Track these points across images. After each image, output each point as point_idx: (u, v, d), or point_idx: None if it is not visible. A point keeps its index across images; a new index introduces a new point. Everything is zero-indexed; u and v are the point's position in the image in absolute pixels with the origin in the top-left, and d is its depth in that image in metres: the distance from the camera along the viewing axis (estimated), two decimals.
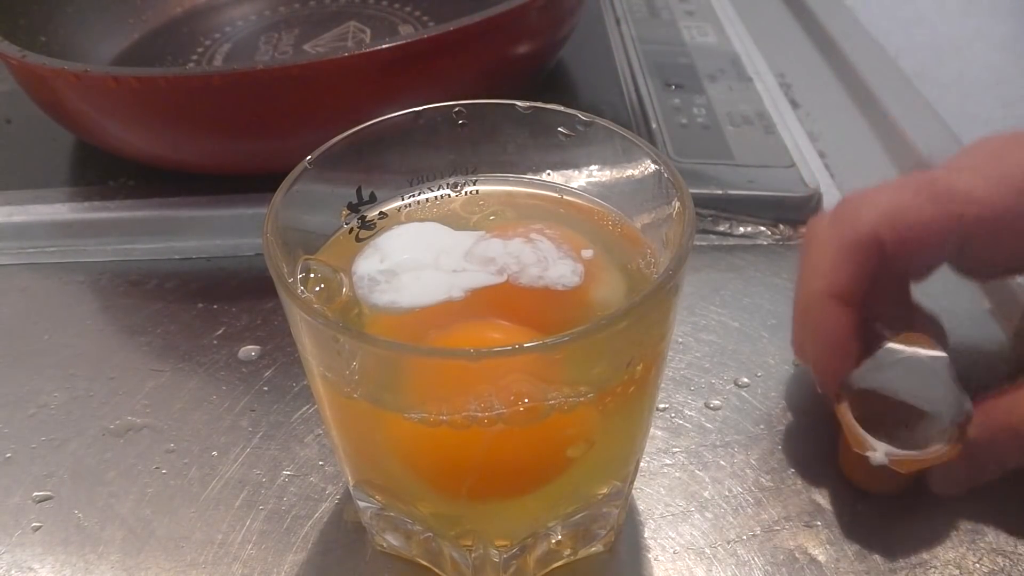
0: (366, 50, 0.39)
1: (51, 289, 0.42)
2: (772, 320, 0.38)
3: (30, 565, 0.30)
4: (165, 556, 0.29)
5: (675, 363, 0.36)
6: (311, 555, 0.29)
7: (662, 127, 0.49)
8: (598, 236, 0.28)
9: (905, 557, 0.29)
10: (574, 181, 0.30)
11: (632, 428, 0.27)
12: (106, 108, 0.42)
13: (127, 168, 0.47)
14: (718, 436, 0.33)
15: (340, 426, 0.27)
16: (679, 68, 0.55)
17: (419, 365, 0.23)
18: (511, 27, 0.44)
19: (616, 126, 0.28)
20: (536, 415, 0.22)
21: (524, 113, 0.29)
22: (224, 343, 0.38)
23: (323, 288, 0.26)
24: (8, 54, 0.42)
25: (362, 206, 0.29)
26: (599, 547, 0.29)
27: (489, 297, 0.25)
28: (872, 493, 0.31)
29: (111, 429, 0.34)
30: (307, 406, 0.35)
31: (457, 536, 0.27)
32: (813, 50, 0.61)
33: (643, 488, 0.31)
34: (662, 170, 0.26)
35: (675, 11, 0.63)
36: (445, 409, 0.22)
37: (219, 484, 0.32)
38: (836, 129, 0.52)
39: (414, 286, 0.26)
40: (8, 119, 0.54)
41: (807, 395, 0.35)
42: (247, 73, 0.39)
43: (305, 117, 0.41)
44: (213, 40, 0.59)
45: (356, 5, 0.62)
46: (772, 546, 0.29)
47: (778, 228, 0.44)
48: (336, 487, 0.32)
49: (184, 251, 0.43)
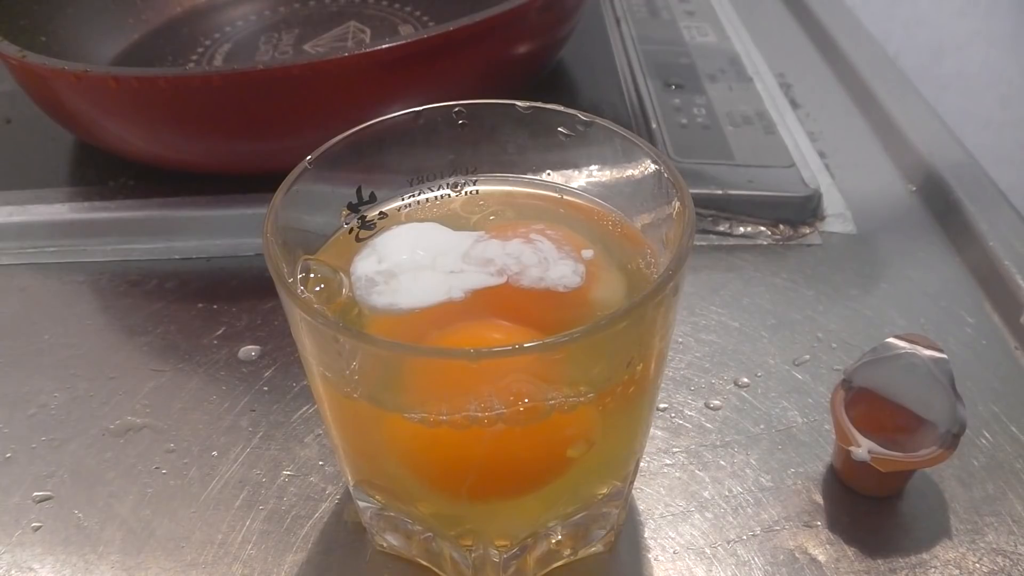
0: (366, 50, 0.39)
1: (51, 289, 0.42)
2: (772, 320, 0.38)
3: (30, 565, 0.30)
4: (165, 556, 0.29)
5: (675, 363, 0.36)
6: (311, 555, 0.29)
7: (662, 127, 0.49)
8: (598, 236, 0.28)
9: (905, 557, 0.29)
10: (574, 181, 0.30)
11: (632, 428, 0.27)
12: (106, 108, 0.42)
13: (127, 168, 0.47)
14: (718, 436, 0.33)
15: (340, 426, 0.27)
16: (679, 68, 0.55)
17: (419, 365, 0.23)
18: (511, 27, 0.44)
19: (616, 126, 0.28)
20: (536, 415, 0.22)
21: (524, 113, 0.29)
22: (224, 343, 0.38)
23: (323, 288, 0.26)
24: (8, 54, 0.42)
25: (362, 206, 0.29)
26: (599, 547, 0.29)
27: (489, 297, 0.25)
28: (860, 494, 0.31)
29: (111, 429, 0.34)
30: (307, 406, 0.35)
31: (457, 536, 0.27)
32: (813, 50, 0.61)
33: (643, 488, 0.31)
34: (662, 170, 0.26)
35: (675, 11, 0.63)
36: (445, 409, 0.22)
37: (219, 484, 0.32)
38: (836, 129, 0.52)
39: (412, 287, 0.26)
40: (8, 119, 0.54)
41: (807, 395, 0.35)
42: (247, 73, 0.39)
43: (305, 117, 0.41)
44: (213, 40, 0.59)
45: (356, 5, 0.62)
46: (772, 546, 0.29)
47: (778, 228, 0.44)
48: (336, 487, 0.32)
49: (184, 251, 0.43)
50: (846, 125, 0.53)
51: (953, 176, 0.45)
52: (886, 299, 0.39)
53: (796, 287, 0.36)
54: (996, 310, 0.39)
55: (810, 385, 0.35)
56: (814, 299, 0.39)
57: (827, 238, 0.43)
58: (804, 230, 0.44)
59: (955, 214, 0.43)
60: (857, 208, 0.45)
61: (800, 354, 0.37)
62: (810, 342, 0.37)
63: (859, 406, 0.31)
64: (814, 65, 0.59)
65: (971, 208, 0.43)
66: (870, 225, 0.44)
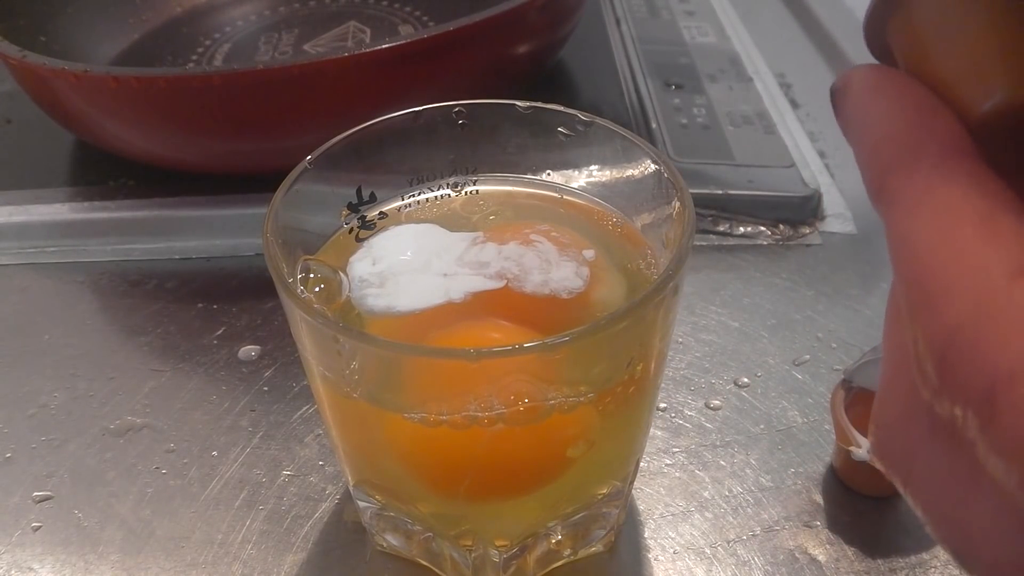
0: (366, 50, 0.39)
1: (51, 289, 0.42)
2: (772, 320, 0.38)
3: (30, 565, 0.30)
4: (165, 556, 0.29)
5: (675, 363, 0.36)
6: (311, 555, 0.29)
7: (662, 127, 0.49)
8: (598, 236, 0.28)
9: (905, 557, 0.29)
10: (574, 181, 0.30)
11: (632, 428, 0.27)
12: (106, 108, 0.42)
13: (127, 168, 0.47)
14: (718, 436, 0.33)
15: (340, 426, 0.27)
16: (679, 68, 0.55)
17: (419, 365, 0.23)
18: (511, 27, 0.44)
19: (616, 126, 0.28)
20: (536, 415, 0.22)
21: (524, 113, 0.29)
22: (224, 343, 0.38)
23: (323, 288, 0.26)
24: (8, 54, 0.42)
25: (362, 206, 0.29)
26: (599, 547, 0.29)
27: (488, 297, 0.25)
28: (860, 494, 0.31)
29: (111, 429, 0.34)
30: (307, 406, 0.35)
31: (457, 536, 0.27)
32: (813, 50, 0.61)
33: (643, 488, 0.31)
34: (662, 170, 0.26)
35: (675, 11, 0.63)
36: (445, 409, 0.22)
37: (219, 484, 0.32)
38: (836, 129, 0.51)
39: (409, 289, 0.26)
40: (8, 119, 0.54)
41: (807, 395, 0.35)
42: (247, 73, 0.39)
43: (305, 117, 0.41)
44: (213, 40, 0.59)
45: (356, 5, 0.62)
46: (772, 546, 0.29)
47: (778, 228, 0.44)
48: (336, 487, 0.32)
49: (184, 251, 0.43)
50: None
51: None
52: (886, 299, 0.39)
53: (796, 287, 0.36)
54: None
55: (810, 385, 0.35)
56: (814, 299, 0.39)
57: (827, 238, 0.43)
58: (804, 230, 0.44)
59: None
60: (857, 208, 0.45)
61: (800, 354, 0.37)
62: (810, 342, 0.37)
63: (859, 406, 0.31)
64: (814, 65, 0.59)
65: None
66: (870, 225, 0.44)
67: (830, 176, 0.47)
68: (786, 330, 0.38)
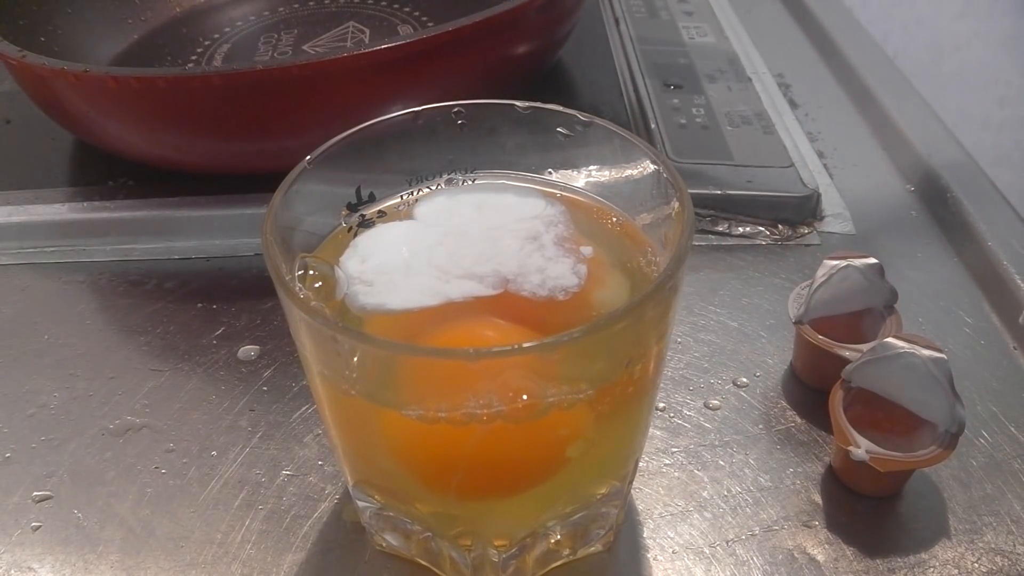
0: (366, 50, 0.39)
1: (51, 289, 0.42)
2: (771, 320, 0.38)
3: (30, 565, 0.30)
4: (165, 556, 0.29)
5: (674, 363, 0.36)
6: (310, 555, 0.29)
7: (661, 127, 0.49)
8: (598, 235, 0.28)
9: (904, 557, 0.29)
10: (573, 181, 0.30)
11: (631, 428, 0.27)
12: (106, 108, 0.42)
13: (127, 168, 0.47)
14: (717, 436, 0.33)
15: (339, 425, 0.27)
16: (678, 68, 0.55)
17: (418, 364, 0.23)
18: (511, 27, 0.44)
19: (615, 126, 0.28)
20: (534, 414, 0.22)
21: (523, 113, 0.29)
22: (224, 343, 0.38)
23: (321, 285, 0.26)
24: (8, 54, 0.42)
25: (361, 206, 0.29)
26: (598, 547, 0.29)
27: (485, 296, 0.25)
28: (859, 494, 0.31)
29: (111, 429, 0.34)
30: (306, 406, 0.35)
31: (456, 536, 0.27)
32: (812, 50, 0.61)
33: (642, 488, 0.31)
34: (661, 170, 0.26)
35: (674, 11, 0.63)
36: (443, 406, 0.22)
37: (218, 484, 0.32)
38: (835, 129, 0.52)
39: (400, 287, 0.26)
40: (8, 119, 0.54)
41: (806, 395, 0.35)
42: (247, 73, 0.39)
43: (304, 117, 0.41)
44: (213, 40, 0.59)
45: (356, 5, 0.62)
46: (771, 546, 0.29)
47: (777, 228, 0.44)
48: (335, 487, 0.32)
49: (184, 251, 0.43)
50: (845, 125, 0.53)
51: (952, 176, 0.45)
52: None
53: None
54: (995, 310, 0.39)
55: (809, 385, 0.35)
56: None
57: (826, 238, 0.43)
58: (803, 230, 0.44)
59: (954, 214, 0.43)
60: (856, 208, 0.45)
61: None
62: None
63: (858, 406, 0.31)
64: (813, 65, 0.59)
65: (970, 208, 0.43)
66: (869, 225, 0.44)
67: (829, 176, 0.47)
68: (785, 330, 0.38)
